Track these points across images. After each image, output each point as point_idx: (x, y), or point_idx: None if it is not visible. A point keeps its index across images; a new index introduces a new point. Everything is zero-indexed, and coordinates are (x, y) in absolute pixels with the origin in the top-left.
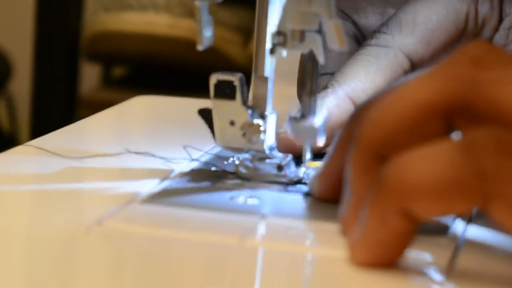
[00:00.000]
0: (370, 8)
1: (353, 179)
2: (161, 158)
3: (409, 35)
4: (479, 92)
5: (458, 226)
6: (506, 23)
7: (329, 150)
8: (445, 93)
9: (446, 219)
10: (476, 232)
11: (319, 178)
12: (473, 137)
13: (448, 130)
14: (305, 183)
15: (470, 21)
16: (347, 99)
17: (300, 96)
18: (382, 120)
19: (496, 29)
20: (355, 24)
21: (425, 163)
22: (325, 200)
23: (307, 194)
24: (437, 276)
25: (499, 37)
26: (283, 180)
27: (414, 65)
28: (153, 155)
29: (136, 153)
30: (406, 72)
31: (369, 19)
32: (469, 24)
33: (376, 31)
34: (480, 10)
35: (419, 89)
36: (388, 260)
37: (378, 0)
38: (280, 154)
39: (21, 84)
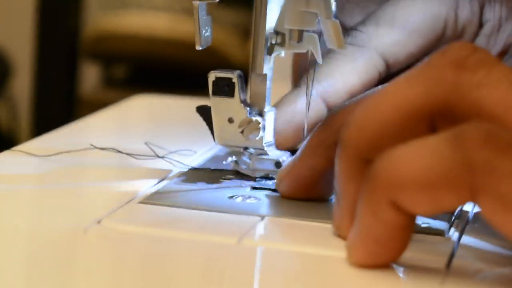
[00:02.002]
0: (356, 10)
1: (342, 184)
2: (127, 154)
3: (386, 36)
4: (462, 95)
5: (455, 229)
6: (486, 29)
7: (298, 152)
8: (427, 96)
9: (442, 223)
10: (472, 234)
11: (287, 179)
12: (462, 130)
13: (432, 132)
14: (272, 178)
15: (449, 26)
16: (319, 98)
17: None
18: (366, 124)
19: (476, 34)
20: (341, 25)
21: (413, 155)
22: (291, 199)
23: (273, 191)
24: (434, 277)
25: (480, 43)
26: (251, 174)
27: (389, 67)
28: (118, 151)
29: (101, 148)
30: (380, 74)
31: (354, 20)
32: (448, 29)
33: (353, 29)
34: (460, 15)
35: (402, 92)
36: (386, 259)
37: (364, 1)
38: (278, 152)
39: (21, 84)
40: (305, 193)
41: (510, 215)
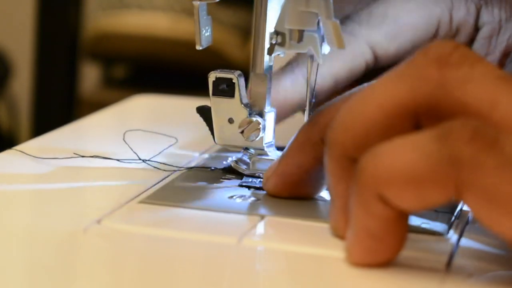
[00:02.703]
0: (347, 5)
1: (332, 185)
2: (108, 158)
3: (377, 27)
4: (446, 92)
5: (455, 229)
6: (485, 31)
7: (284, 150)
8: (412, 94)
9: (442, 223)
10: (472, 235)
11: (273, 177)
12: (449, 127)
13: (416, 130)
14: (259, 177)
15: (443, 26)
16: (303, 80)
17: None
18: (351, 124)
19: (472, 36)
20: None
21: (400, 151)
22: (278, 196)
23: (259, 188)
24: (433, 277)
25: (480, 47)
26: (240, 171)
27: (377, 59)
28: (104, 158)
29: (83, 156)
30: (368, 64)
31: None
32: (442, 29)
33: (346, 17)
34: (455, 16)
35: (386, 91)
36: (385, 255)
37: (356, 0)
38: (278, 152)
39: (21, 84)
40: (292, 191)
41: (495, 210)
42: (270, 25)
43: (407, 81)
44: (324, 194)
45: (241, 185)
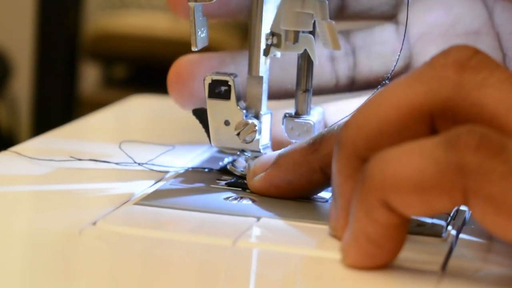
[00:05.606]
0: None
1: (339, 184)
2: (105, 162)
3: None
4: (463, 94)
5: (452, 229)
6: None
7: (278, 157)
8: (429, 95)
9: (439, 223)
10: (469, 235)
11: (260, 180)
12: (456, 133)
13: (432, 133)
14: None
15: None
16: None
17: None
18: (365, 123)
19: None
20: None
21: (407, 157)
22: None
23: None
24: (430, 278)
25: None
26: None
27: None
28: (101, 161)
29: (79, 159)
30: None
31: None
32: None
33: None
34: None
35: (402, 92)
36: (382, 259)
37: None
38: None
39: (21, 84)
40: (275, 195)
41: (501, 217)
42: (266, 26)
43: (423, 82)
44: (322, 193)
45: (228, 184)
